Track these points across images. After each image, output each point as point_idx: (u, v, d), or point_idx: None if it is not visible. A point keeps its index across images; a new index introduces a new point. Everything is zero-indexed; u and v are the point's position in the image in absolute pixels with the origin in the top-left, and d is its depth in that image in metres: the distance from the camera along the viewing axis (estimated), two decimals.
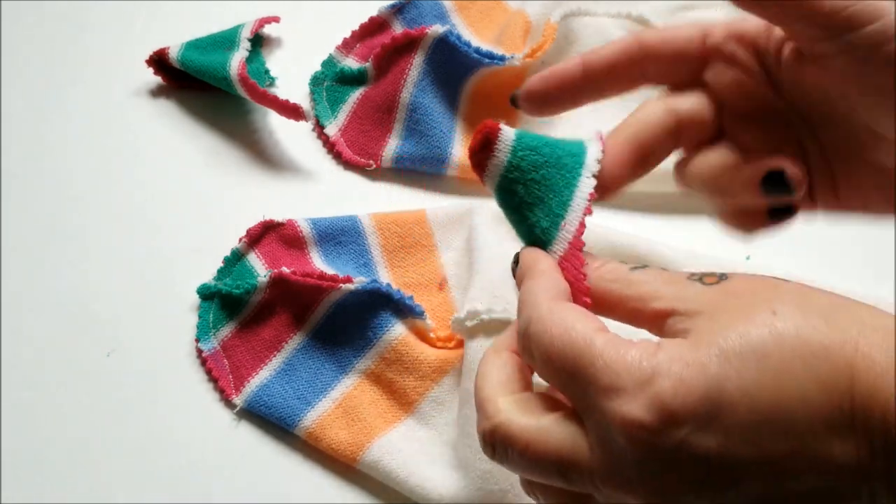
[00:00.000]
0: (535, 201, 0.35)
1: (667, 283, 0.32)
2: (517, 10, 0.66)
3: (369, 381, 0.52)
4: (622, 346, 0.29)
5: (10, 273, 0.58)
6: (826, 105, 0.35)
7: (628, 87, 0.39)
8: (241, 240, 0.57)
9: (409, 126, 0.61)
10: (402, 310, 0.52)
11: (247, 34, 0.63)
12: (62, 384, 0.54)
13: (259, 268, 0.56)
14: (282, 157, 0.62)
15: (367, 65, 0.62)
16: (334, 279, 0.53)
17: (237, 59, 0.60)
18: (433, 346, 0.52)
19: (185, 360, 0.55)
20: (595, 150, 0.36)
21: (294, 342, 0.54)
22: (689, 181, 0.37)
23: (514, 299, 0.51)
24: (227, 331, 0.55)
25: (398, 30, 0.64)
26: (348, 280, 0.52)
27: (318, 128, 0.63)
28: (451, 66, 0.60)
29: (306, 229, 0.57)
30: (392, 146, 0.61)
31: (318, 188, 0.61)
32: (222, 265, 0.57)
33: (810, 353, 0.27)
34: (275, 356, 0.54)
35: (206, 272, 0.56)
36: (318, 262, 0.56)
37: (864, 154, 0.35)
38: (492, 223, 0.55)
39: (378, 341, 0.52)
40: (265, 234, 0.57)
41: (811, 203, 0.37)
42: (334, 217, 0.57)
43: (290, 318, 0.54)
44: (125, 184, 0.61)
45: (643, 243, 0.54)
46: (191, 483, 0.51)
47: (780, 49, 0.35)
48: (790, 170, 0.34)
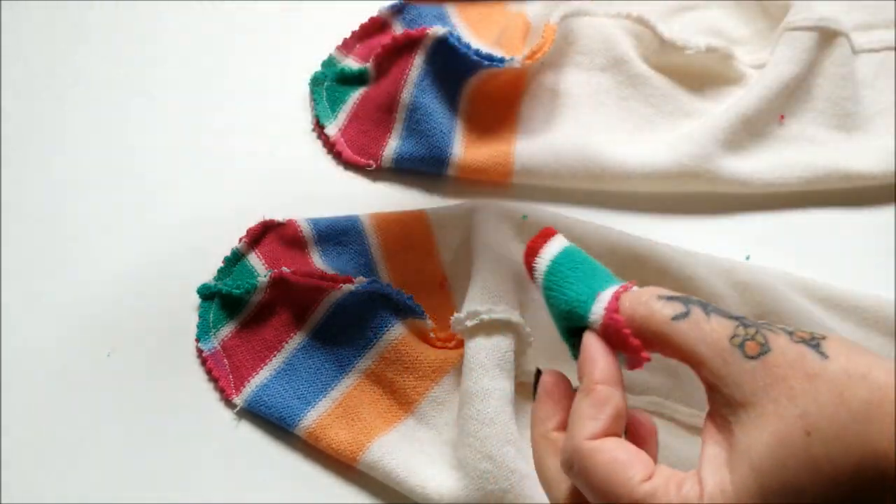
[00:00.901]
0: (574, 281, 0.37)
1: (708, 346, 0.32)
2: (517, 11, 0.66)
3: (369, 380, 0.52)
4: (666, 495, 0.30)
5: (10, 273, 0.58)
6: None
7: None
8: (241, 240, 0.57)
9: (409, 126, 0.61)
10: (402, 310, 0.52)
11: None
12: (62, 384, 0.54)
13: (259, 268, 0.56)
14: (282, 157, 0.62)
15: (368, 65, 0.62)
16: (334, 279, 0.53)
17: None
18: (433, 346, 0.52)
19: (185, 360, 0.55)
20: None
21: (294, 342, 0.54)
22: None
23: (514, 300, 0.51)
24: (227, 331, 0.55)
25: (398, 30, 0.64)
26: (348, 280, 0.52)
27: (318, 128, 0.63)
28: (452, 66, 0.60)
29: (306, 229, 0.57)
30: (392, 146, 0.61)
31: (318, 188, 0.61)
32: (222, 265, 0.57)
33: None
34: (275, 356, 0.54)
35: (206, 272, 0.56)
36: (319, 263, 0.56)
37: None
38: (492, 223, 0.55)
39: (378, 341, 0.52)
40: (265, 234, 0.57)
41: None
42: (334, 217, 0.57)
43: (290, 318, 0.54)
44: (125, 184, 0.61)
45: (643, 243, 0.54)
46: (191, 483, 0.51)
47: None
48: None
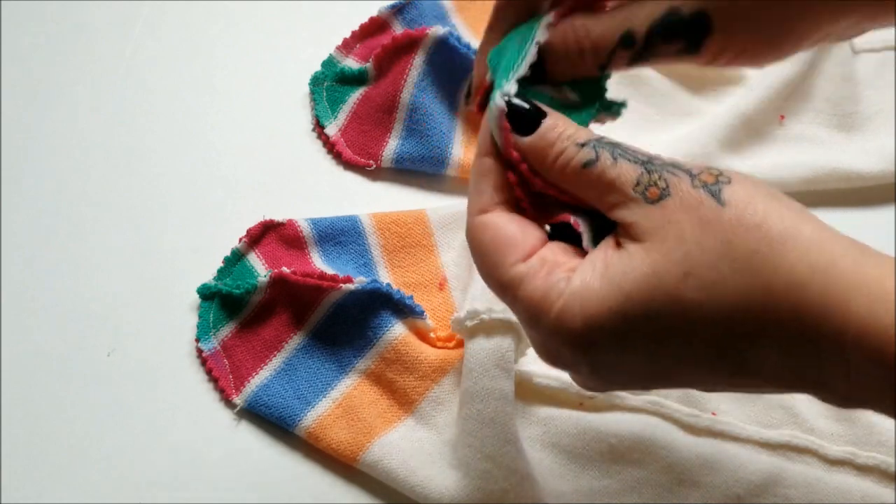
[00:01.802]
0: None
1: (613, 194, 0.33)
2: None
3: (369, 380, 0.52)
4: (533, 279, 0.34)
5: (11, 273, 0.58)
6: None
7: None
8: (241, 240, 0.57)
9: (409, 126, 0.61)
10: (402, 310, 0.52)
11: None
12: (62, 384, 0.54)
13: (259, 268, 0.56)
14: (282, 157, 0.62)
15: (368, 65, 0.62)
16: (334, 279, 0.53)
17: None
18: (433, 346, 0.52)
19: (185, 360, 0.55)
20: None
21: (294, 342, 0.54)
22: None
23: None
24: (227, 331, 0.55)
25: (398, 30, 0.64)
26: (348, 280, 0.52)
27: (318, 128, 0.63)
28: (452, 66, 0.60)
29: (306, 229, 0.57)
30: (392, 146, 0.61)
31: (318, 188, 0.61)
32: (222, 265, 0.57)
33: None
34: (275, 356, 0.54)
35: (206, 272, 0.56)
36: (318, 262, 0.56)
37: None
38: None
39: (378, 341, 0.52)
40: (265, 234, 0.57)
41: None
42: (334, 217, 0.57)
43: (290, 318, 0.54)
44: (124, 183, 0.61)
45: None
46: (191, 483, 0.51)
47: None
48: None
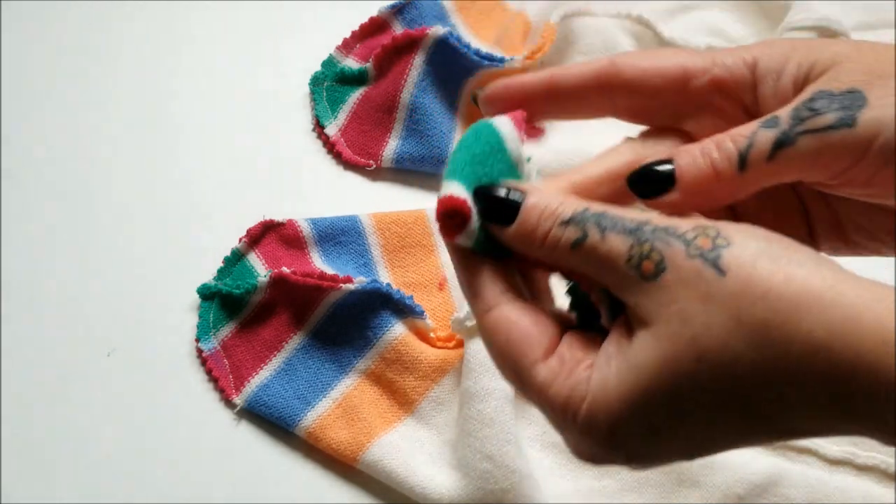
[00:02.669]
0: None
1: (607, 272, 0.29)
2: (517, 11, 0.66)
3: (369, 380, 0.52)
4: (554, 384, 0.29)
5: (11, 273, 0.58)
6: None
7: (594, 114, 0.35)
8: (241, 240, 0.57)
9: (409, 126, 0.61)
10: (402, 310, 0.53)
11: None
12: (62, 384, 0.54)
13: (259, 268, 0.56)
14: (282, 157, 0.62)
15: (368, 65, 0.62)
16: (334, 279, 0.53)
17: None
18: (433, 346, 0.53)
19: (185, 360, 0.55)
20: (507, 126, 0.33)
21: (294, 342, 0.54)
22: None
23: None
24: (227, 331, 0.55)
25: (398, 30, 0.64)
26: (348, 280, 0.52)
27: (318, 128, 0.63)
28: (452, 66, 0.60)
29: (306, 229, 0.57)
30: (392, 146, 0.61)
31: (318, 188, 0.61)
32: (222, 265, 0.57)
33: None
34: (275, 356, 0.54)
35: (206, 272, 0.56)
36: (318, 262, 0.56)
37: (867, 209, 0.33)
38: None
39: (378, 341, 0.52)
40: (265, 234, 0.57)
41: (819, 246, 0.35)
42: (334, 217, 0.57)
43: (290, 318, 0.54)
44: (125, 183, 0.61)
45: None
46: (191, 483, 0.51)
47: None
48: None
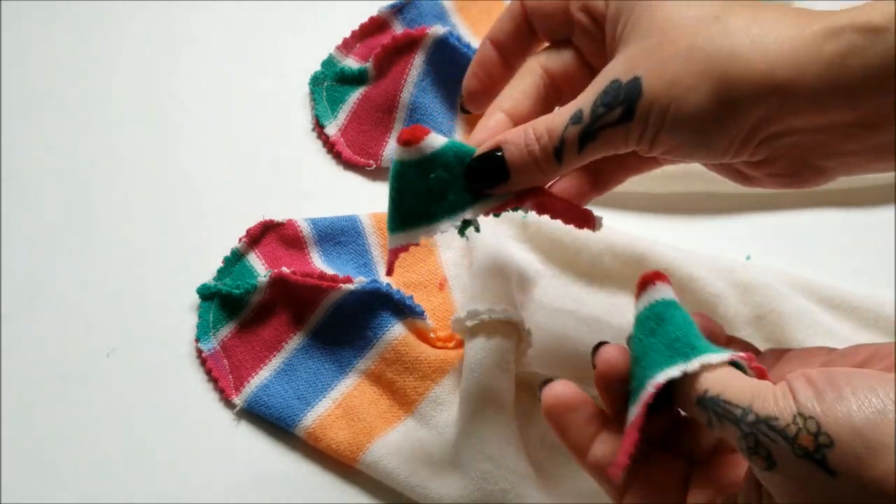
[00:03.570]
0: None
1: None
2: None
3: (369, 381, 0.52)
4: None
5: (11, 273, 0.58)
6: None
7: (532, 45, 0.43)
8: (241, 240, 0.57)
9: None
10: (402, 310, 0.52)
11: None
12: (62, 384, 0.54)
13: (259, 268, 0.56)
14: (282, 157, 0.62)
15: (368, 65, 0.62)
16: (334, 279, 0.53)
17: None
18: (433, 346, 0.52)
19: (185, 360, 0.55)
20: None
21: (294, 342, 0.54)
22: None
23: (514, 300, 0.51)
24: (227, 331, 0.55)
25: (398, 30, 0.64)
26: (348, 280, 0.52)
27: (318, 128, 0.63)
28: (452, 66, 0.60)
29: (306, 229, 0.57)
30: (392, 146, 0.61)
31: (318, 188, 0.61)
32: (222, 265, 0.57)
33: None
34: (275, 356, 0.54)
35: (206, 272, 0.56)
36: (318, 262, 0.56)
37: None
38: (492, 223, 0.55)
39: (378, 341, 0.52)
40: (265, 234, 0.57)
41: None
42: (334, 217, 0.57)
43: (290, 319, 0.54)
44: (125, 183, 0.61)
45: (643, 243, 0.54)
46: (191, 483, 0.51)
47: None
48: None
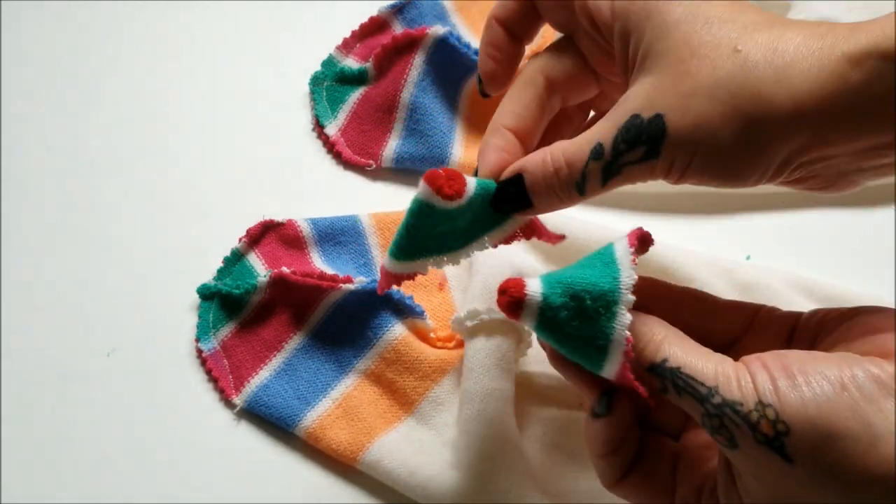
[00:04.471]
0: (576, 332, 0.35)
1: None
2: None
3: (369, 381, 0.52)
4: None
5: (10, 273, 0.58)
6: None
7: (538, 23, 0.42)
8: (241, 240, 0.57)
9: (409, 126, 0.61)
10: (402, 310, 0.52)
11: None
12: (62, 384, 0.54)
13: (259, 268, 0.56)
14: (282, 157, 0.62)
15: (368, 65, 0.62)
16: (334, 279, 0.53)
17: None
18: (433, 346, 0.52)
19: (185, 360, 0.55)
20: (623, 252, 0.36)
21: (294, 342, 0.54)
22: None
23: None
24: (227, 331, 0.55)
25: (398, 30, 0.64)
26: (348, 280, 0.52)
27: (318, 128, 0.63)
28: (452, 66, 0.60)
29: (306, 229, 0.57)
30: (392, 146, 0.61)
31: (318, 188, 0.61)
32: (222, 265, 0.57)
33: None
34: (275, 356, 0.54)
35: (206, 272, 0.56)
36: (318, 262, 0.56)
37: None
38: None
39: (378, 341, 0.52)
40: (265, 234, 0.57)
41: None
42: (334, 217, 0.57)
43: (290, 318, 0.54)
44: (125, 184, 0.61)
45: None
46: (191, 483, 0.51)
47: None
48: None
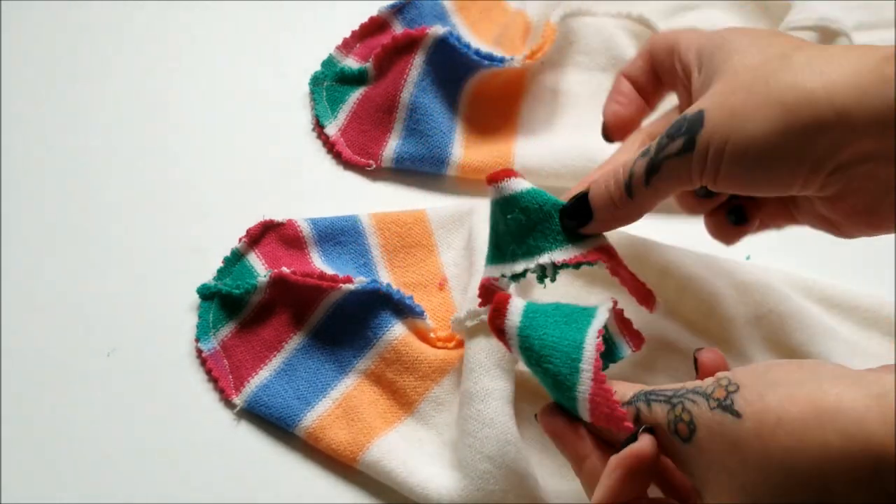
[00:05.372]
0: (549, 352, 0.38)
1: (661, 439, 0.35)
2: (517, 11, 0.66)
3: (369, 381, 0.52)
4: None
5: (10, 273, 0.58)
6: None
7: (664, 86, 0.47)
8: (241, 240, 0.57)
9: (409, 126, 0.61)
10: (402, 310, 0.52)
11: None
12: (62, 384, 0.54)
13: (259, 268, 0.56)
14: (282, 157, 0.62)
15: (368, 65, 0.62)
16: (334, 279, 0.53)
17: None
18: (433, 346, 0.52)
19: (185, 360, 0.55)
20: (604, 311, 0.40)
21: (294, 342, 0.54)
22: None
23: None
24: (227, 331, 0.55)
25: (398, 30, 0.64)
26: (348, 280, 0.52)
27: (318, 128, 0.63)
28: (452, 66, 0.60)
29: (306, 229, 0.57)
30: (392, 146, 0.61)
31: (318, 188, 0.61)
32: (222, 265, 0.57)
33: None
34: (275, 356, 0.54)
35: (206, 272, 0.56)
36: (318, 262, 0.56)
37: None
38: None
39: (378, 341, 0.52)
40: (265, 234, 0.57)
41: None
42: (334, 217, 0.57)
43: (290, 319, 0.54)
44: (125, 183, 0.61)
45: (643, 243, 0.54)
46: (191, 483, 0.51)
47: None
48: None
